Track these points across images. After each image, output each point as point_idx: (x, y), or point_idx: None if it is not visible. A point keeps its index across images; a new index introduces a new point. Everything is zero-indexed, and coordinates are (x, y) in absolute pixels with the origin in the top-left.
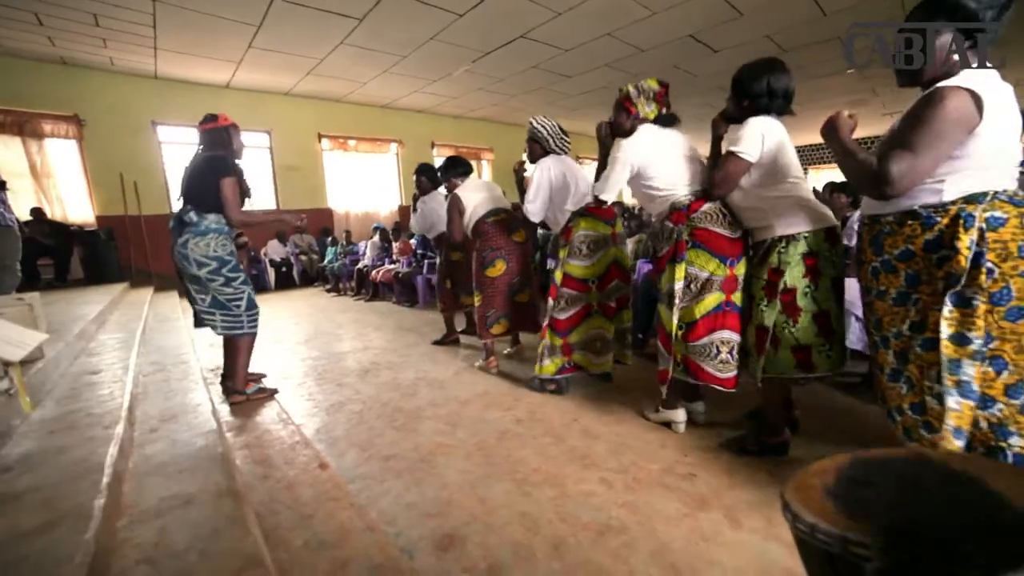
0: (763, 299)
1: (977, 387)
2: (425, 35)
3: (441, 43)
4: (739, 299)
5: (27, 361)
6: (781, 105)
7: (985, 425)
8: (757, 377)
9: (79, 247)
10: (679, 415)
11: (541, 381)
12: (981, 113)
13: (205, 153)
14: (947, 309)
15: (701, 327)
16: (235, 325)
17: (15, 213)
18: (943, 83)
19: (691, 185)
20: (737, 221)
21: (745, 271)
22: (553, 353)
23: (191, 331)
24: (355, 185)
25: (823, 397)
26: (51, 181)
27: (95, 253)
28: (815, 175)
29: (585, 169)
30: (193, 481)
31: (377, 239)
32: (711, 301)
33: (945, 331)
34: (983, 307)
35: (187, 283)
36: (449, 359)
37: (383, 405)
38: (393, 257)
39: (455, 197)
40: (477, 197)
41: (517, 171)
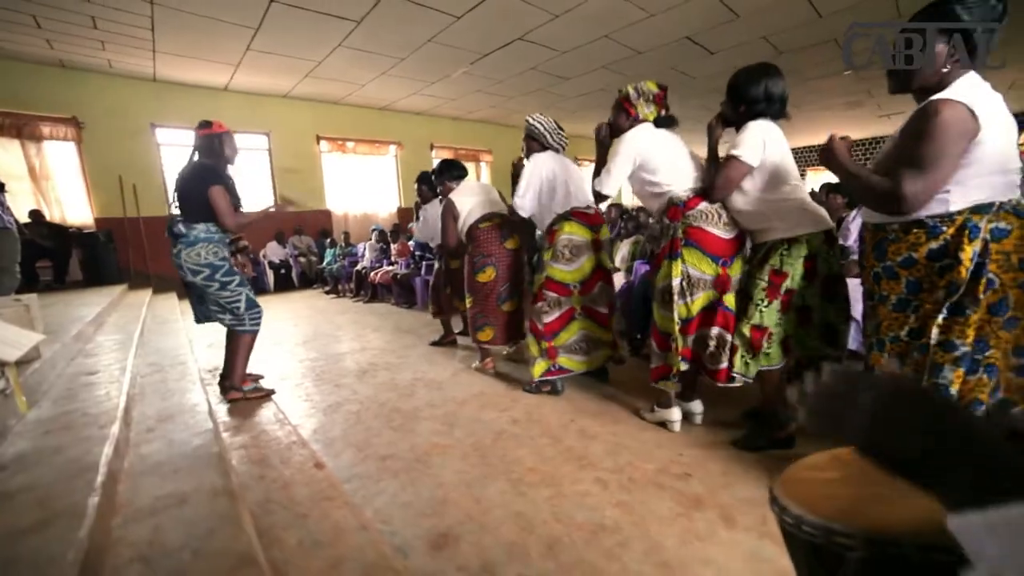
0: (763, 300)
1: (954, 391)
2: (423, 37)
3: (439, 45)
4: (731, 300)
5: (24, 362)
6: (777, 109)
7: None
8: (751, 374)
9: (78, 249)
10: (674, 414)
11: (537, 383)
12: (977, 122)
13: (195, 161)
14: (940, 316)
15: (694, 324)
16: (238, 323)
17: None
18: (935, 97)
19: (689, 182)
20: (734, 221)
21: (739, 271)
22: (540, 355)
23: (190, 332)
24: (354, 187)
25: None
26: (50, 183)
27: (94, 255)
28: (813, 177)
29: (584, 170)
30: (188, 480)
31: (375, 241)
32: (703, 299)
33: (935, 337)
34: (975, 316)
35: (188, 288)
36: (447, 360)
37: (380, 405)
38: (391, 259)
39: (449, 202)
40: (471, 201)
41: (516, 166)
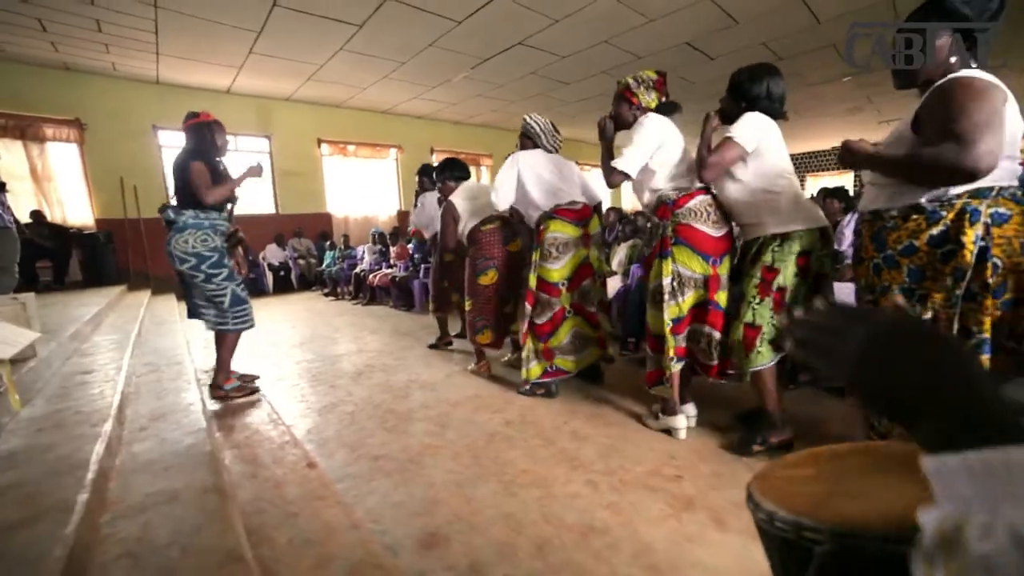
0: (755, 297)
1: None
2: (424, 42)
3: (440, 49)
4: (722, 298)
5: (18, 360)
6: (777, 109)
7: None
8: (747, 373)
9: (78, 250)
10: (679, 422)
11: (531, 386)
12: (1004, 91)
13: (184, 148)
14: (957, 306)
15: (685, 322)
16: (221, 321)
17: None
18: (954, 74)
19: (683, 179)
20: (724, 219)
21: (728, 270)
22: (537, 357)
23: (187, 333)
24: (354, 190)
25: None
26: (52, 184)
27: (94, 256)
28: (813, 182)
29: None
30: (179, 478)
31: (373, 243)
32: (693, 298)
33: (955, 326)
34: (988, 302)
35: (180, 279)
36: (443, 362)
37: (375, 407)
38: (391, 262)
39: (449, 204)
40: (473, 204)
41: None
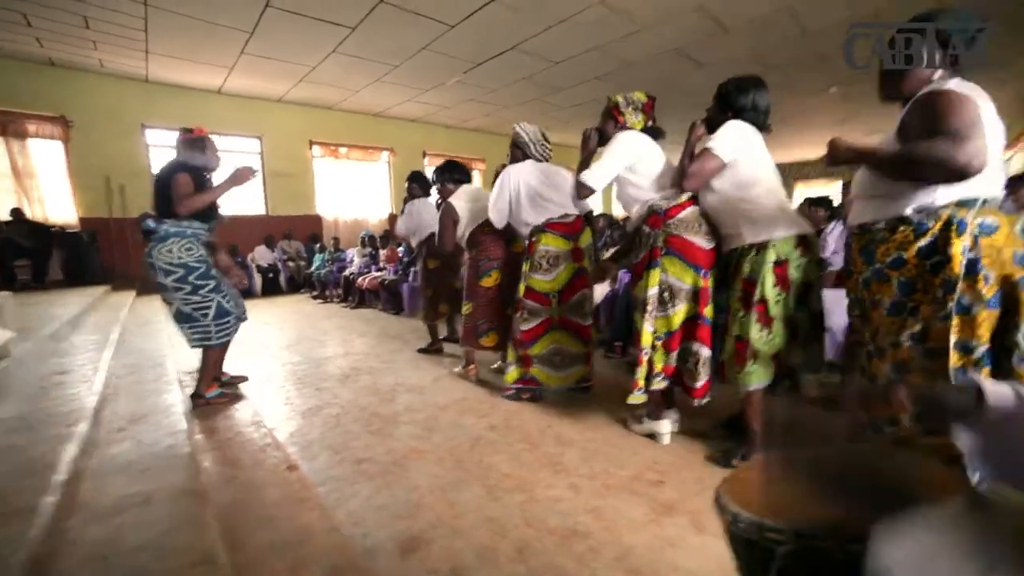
0: (739, 310)
1: None
2: (417, 45)
3: (433, 53)
4: (710, 312)
5: None
6: (762, 120)
7: None
8: (741, 388)
9: (59, 249)
10: (664, 426)
11: (516, 390)
12: (979, 105)
13: (172, 159)
14: (953, 318)
15: (677, 338)
16: (204, 336)
17: None
18: (935, 87)
19: (671, 190)
20: (713, 231)
21: (714, 282)
22: (516, 362)
23: (171, 334)
24: (345, 193)
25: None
26: (33, 181)
27: (76, 255)
28: (801, 190)
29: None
30: (154, 480)
31: (363, 246)
32: (684, 311)
33: (952, 339)
34: (983, 313)
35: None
36: (431, 366)
37: (361, 409)
38: (380, 265)
39: (449, 206)
40: (473, 207)
41: (498, 173)
